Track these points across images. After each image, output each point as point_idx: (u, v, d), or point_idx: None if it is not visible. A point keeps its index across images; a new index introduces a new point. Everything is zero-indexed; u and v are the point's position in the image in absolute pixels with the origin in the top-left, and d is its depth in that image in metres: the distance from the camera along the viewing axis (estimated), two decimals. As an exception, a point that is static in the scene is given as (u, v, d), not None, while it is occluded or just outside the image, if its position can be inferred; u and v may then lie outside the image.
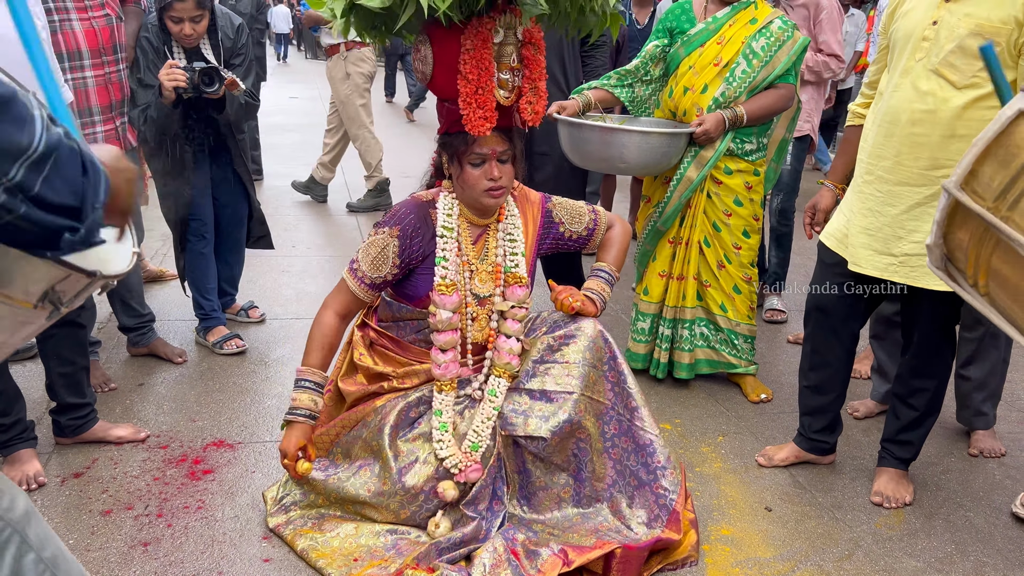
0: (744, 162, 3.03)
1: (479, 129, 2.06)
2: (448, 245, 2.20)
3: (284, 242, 5.00)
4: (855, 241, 2.35)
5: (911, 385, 2.47)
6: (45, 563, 0.92)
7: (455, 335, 2.21)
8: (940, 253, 1.23)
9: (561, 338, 2.20)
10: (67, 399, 2.54)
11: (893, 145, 2.22)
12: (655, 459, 2.19)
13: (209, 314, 3.42)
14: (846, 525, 2.40)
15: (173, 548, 2.14)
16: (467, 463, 2.13)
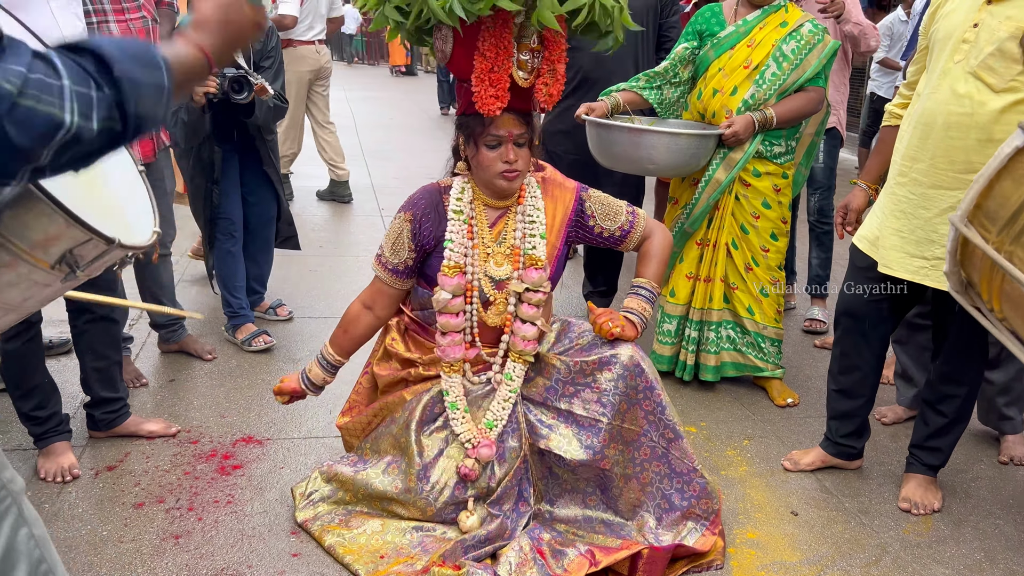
0: (773, 165, 3.02)
1: (489, 108, 2.04)
2: (455, 228, 2.20)
3: (311, 242, 5.05)
4: (887, 243, 2.33)
5: (941, 391, 2.45)
6: (36, 540, 0.93)
7: (457, 319, 2.20)
8: (958, 279, 1.24)
9: (595, 364, 2.15)
10: (100, 393, 2.59)
11: (928, 148, 2.20)
12: (692, 487, 2.18)
13: (237, 312, 3.46)
14: (873, 531, 2.38)
15: (204, 541, 2.17)
16: (480, 439, 2.14)
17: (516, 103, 2.11)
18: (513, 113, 2.11)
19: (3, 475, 0.89)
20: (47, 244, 0.93)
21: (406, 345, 2.33)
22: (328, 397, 3.00)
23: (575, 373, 2.17)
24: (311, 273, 4.47)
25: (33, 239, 0.91)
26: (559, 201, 2.28)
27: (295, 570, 2.07)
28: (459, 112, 2.21)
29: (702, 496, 2.17)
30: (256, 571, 2.06)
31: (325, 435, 2.76)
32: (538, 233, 2.22)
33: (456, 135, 2.24)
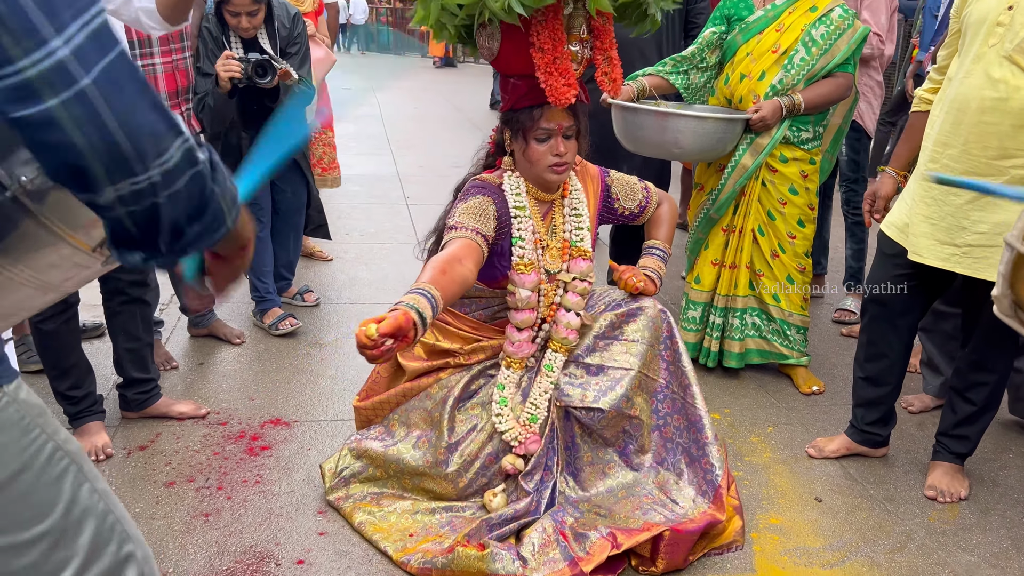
0: (800, 150, 3.00)
1: (564, 97, 2.04)
2: (523, 224, 2.22)
3: (338, 230, 5.08)
4: (916, 230, 2.31)
5: (969, 379, 2.43)
6: (99, 493, 0.97)
7: (532, 314, 2.24)
8: (1008, 302, 1.23)
9: (623, 316, 2.25)
10: (133, 374, 2.64)
11: (961, 133, 2.16)
12: (704, 435, 2.23)
13: (264, 296, 3.51)
14: (898, 518, 2.38)
15: (233, 519, 2.21)
16: (526, 435, 2.17)
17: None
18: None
19: (57, 437, 0.93)
20: (89, 227, 0.95)
21: (435, 336, 2.35)
22: (355, 382, 3.05)
23: (605, 327, 2.25)
24: (338, 260, 4.52)
25: (76, 222, 0.94)
26: (591, 189, 2.36)
27: (321, 548, 2.11)
28: (505, 108, 2.21)
29: (713, 443, 2.22)
30: (284, 548, 2.10)
31: (351, 417, 2.79)
32: (585, 226, 2.30)
33: (502, 131, 2.25)
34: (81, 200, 0.78)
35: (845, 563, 2.16)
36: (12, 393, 0.88)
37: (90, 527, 0.94)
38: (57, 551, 0.91)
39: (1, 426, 0.86)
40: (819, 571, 2.12)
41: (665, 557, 2.06)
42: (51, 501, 0.91)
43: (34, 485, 0.89)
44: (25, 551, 0.89)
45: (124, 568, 0.99)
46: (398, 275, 4.27)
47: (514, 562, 1.99)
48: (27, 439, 0.89)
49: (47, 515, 0.90)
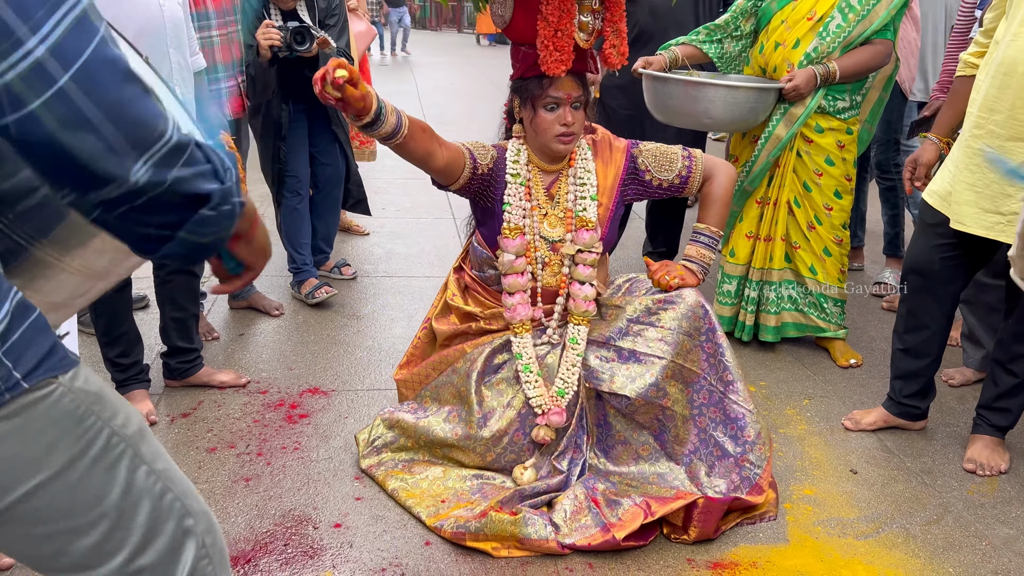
0: (836, 120, 2.95)
1: (555, 70, 2.08)
2: (513, 190, 2.23)
3: (375, 204, 5.10)
4: (960, 198, 2.26)
5: (1013, 351, 2.39)
6: (157, 474, 0.99)
7: (522, 278, 2.25)
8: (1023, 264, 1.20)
9: (660, 302, 2.19)
10: (177, 343, 2.72)
11: (1008, 98, 2.11)
12: (745, 433, 2.18)
13: (301, 267, 3.57)
14: (936, 490, 2.35)
15: (272, 484, 2.27)
16: (551, 406, 2.18)
17: (576, 65, 2.14)
18: (571, 75, 2.14)
19: (113, 423, 0.94)
20: None
21: (465, 300, 2.38)
22: (391, 353, 3.09)
23: (641, 312, 2.21)
24: (374, 234, 4.56)
25: None
26: (611, 163, 2.30)
27: (358, 512, 2.16)
28: (515, 76, 2.23)
29: (755, 443, 2.17)
30: (321, 513, 2.15)
31: (387, 387, 2.84)
32: (588, 195, 2.24)
33: (511, 98, 2.26)
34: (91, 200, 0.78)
35: (879, 534, 2.15)
36: (67, 383, 0.89)
37: (146, 508, 0.97)
38: (115, 532, 0.94)
39: (55, 418, 0.88)
40: (852, 542, 2.12)
41: (698, 526, 2.07)
42: (107, 485, 0.93)
43: (90, 471, 0.91)
44: (84, 533, 0.92)
45: (183, 543, 1.02)
46: (434, 249, 4.30)
47: (546, 527, 2.02)
48: (81, 428, 0.90)
49: (104, 499, 0.93)
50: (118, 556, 0.95)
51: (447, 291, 2.43)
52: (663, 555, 2.04)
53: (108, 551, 0.94)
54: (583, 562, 2.00)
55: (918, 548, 2.10)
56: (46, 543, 0.91)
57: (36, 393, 0.85)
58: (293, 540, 2.04)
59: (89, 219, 0.80)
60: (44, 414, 0.87)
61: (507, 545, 2.01)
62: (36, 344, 0.86)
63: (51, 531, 0.90)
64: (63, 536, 0.91)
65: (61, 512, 0.90)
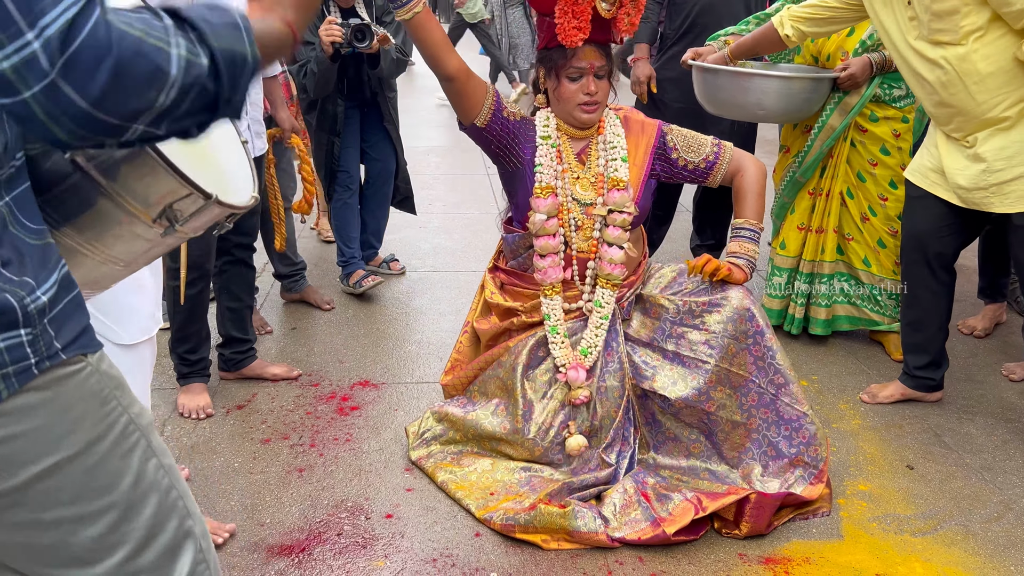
0: (892, 109, 2.88)
1: (572, 39, 2.10)
2: (544, 151, 2.25)
3: (422, 200, 5.14)
4: (952, 181, 2.40)
5: None
6: (165, 469, 0.99)
7: (554, 240, 2.25)
8: None
9: (704, 304, 2.17)
10: (232, 333, 2.79)
11: (944, 113, 2.34)
12: (800, 434, 2.15)
13: (349, 260, 3.63)
14: (996, 487, 2.29)
15: (325, 475, 2.31)
16: (572, 361, 2.19)
17: (597, 35, 2.16)
18: (594, 45, 2.17)
19: (132, 410, 0.95)
20: (148, 196, 0.99)
21: (504, 298, 2.39)
22: (440, 346, 3.12)
23: (684, 314, 2.19)
24: (421, 229, 4.59)
25: (137, 193, 0.98)
26: (641, 135, 2.32)
27: (409, 503, 2.18)
28: (540, 46, 2.25)
29: (811, 443, 2.14)
30: (373, 503, 2.18)
31: (436, 380, 2.86)
32: (619, 157, 2.26)
33: (536, 68, 2.28)
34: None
35: (938, 531, 2.10)
36: (95, 363, 0.90)
37: (153, 501, 0.96)
38: (122, 524, 0.93)
39: (83, 395, 0.89)
40: (909, 539, 2.08)
41: (750, 521, 2.05)
42: (120, 473, 0.93)
43: (106, 456, 0.91)
44: (92, 522, 0.91)
45: (183, 545, 1.01)
46: (480, 243, 4.32)
47: (596, 520, 2.02)
48: (104, 410, 0.91)
49: (115, 487, 0.92)
50: (119, 552, 0.94)
51: (485, 291, 2.44)
52: (714, 550, 2.03)
53: (110, 545, 0.93)
54: (633, 556, 1.99)
55: (978, 546, 2.05)
56: (50, 531, 0.90)
57: (68, 368, 0.87)
58: (346, 530, 2.08)
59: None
60: (73, 390, 0.88)
61: (556, 538, 2.02)
62: (75, 318, 0.88)
63: (59, 517, 0.89)
64: (69, 524, 0.90)
65: (73, 495, 0.89)
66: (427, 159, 6.33)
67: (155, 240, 1.05)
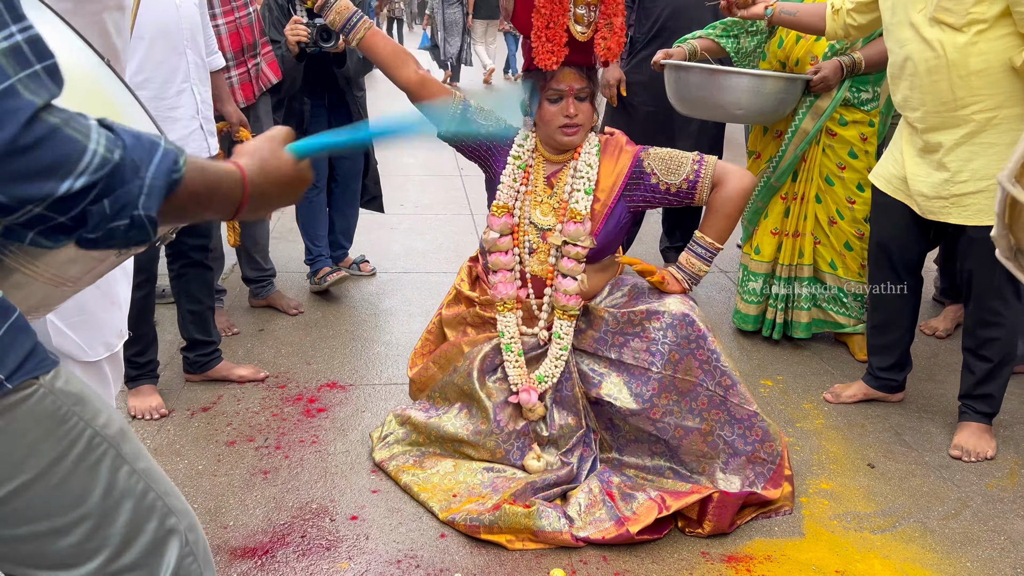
0: (860, 112, 2.92)
1: (547, 63, 2.10)
2: (509, 171, 2.26)
3: (393, 200, 5.15)
4: (913, 188, 2.41)
5: (980, 336, 2.44)
6: (139, 474, 0.98)
7: (506, 257, 2.26)
8: (1007, 244, 1.22)
9: (643, 314, 2.15)
10: (195, 335, 2.77)
11: (917, 96, 2.31)
12: (754, 432, 2.16)
13: (316, 258, 3.65)
14: (954, 485, 2.33)
15: (290, 477, 2.30)
16: (525, 384, 2.20)
17: (576, 57, 2.15)
18: (574, 67, 2.15)
19: (96, 423, 0.94)
20: None
21: (472, 288, 2.42)
22: (409, 348, 3.11)
23: (623, 323, 2.19)
24: (392, 231, 4.59)
25: None
26: (618, 162, 2.24)
27: (375, 505, 2.18)
28: (523, 67, 2.26)
29: (765, 440, 2.17)
30: (338, 505, 2.17)
31: (404, 382, 2.86)
32: (583, 188, 2.20)
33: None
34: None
35: (896, 528, 2.14)
36: (48, 384, 0.89)
37: (127, 508, 0.97)
38: (98, 531, 0.94)
39: (37, 418, 0.88)
40: (869, 536, 2.11)
41: (712, 519, 2.07)
42: (88, 486, 0.93)
43: (71, 473, 0.91)
44: (66, 533, 0.92)
45: (166, 542, 1.02)
46: (452, 245, 4.32)
47: (560, 519, 2.03)
48: (63, 429, 0.90)
49: (85, 500, 0.93)
50: (99, 556, 0.95)
51: (458, 277, 2.46)
52: (677, 548, 2.05)
53: (89, 550, 0.94)
54: (597, 555, 2.00)
55: (935, 543, 2.09)
56: (27, 543, 0.91)
57: (18, 394, 0.85)
58: (310, 532, 2.07)
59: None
60: (26, 415, 0.87)
61: (521, 537, 2.03)
62: (18, 345, 0.86)
63: (32, 532, 0.90)
64: (44, 537, 0.91)
65: (42, 513, 0.90)
66: (399, 160, 6.32)
67: (110, 260, 1.04)
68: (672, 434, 2.17)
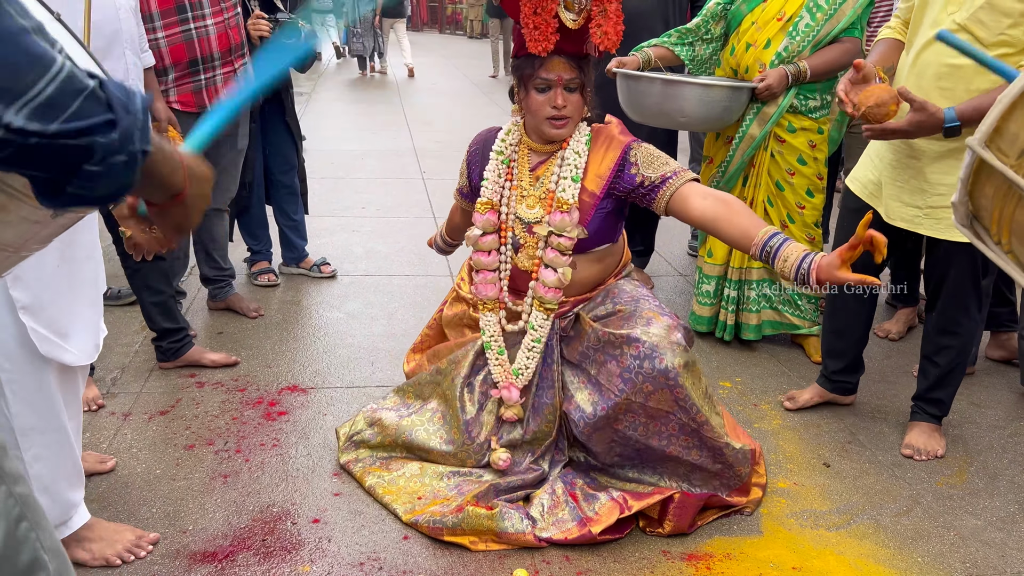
0: (808, 120, 2.99)
1: (538, 49, 2.01)
2: (492, 167, 2.23)
3: (355, 203, 5.14)
4: (887, 192, 2.40)
5: (937, 343, 2.49)
6: (16, 498, 0.91)
7: (488, 257, 2.23)
8: (965, 211, 1.23)
9: (623, 338, 2.05)
10: (163, 324, 2.79)
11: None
12: (724, 458, 2.12)
13: (254, 251, 3.78)
14: (906, 483, 2.40)
15: (251, 480, 2.27)
16: (506, 382, 2.21)
17: (567, 46, 2.04)
18: (564, 57, 2.05)
19: None
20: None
21: (468, 287, 2.41)
22: (371, 351, 3.10)
23: (604, 343, 2.10)
24: (354, 233, 4.56)
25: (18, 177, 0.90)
26: (608, 151, 2.16)
27: (337, 508, 2.17)
28: (513, 53, 2.16)
29: (736, 464, 2.15)
30: (300, 508, 2.16)
31: (366, 384, 2.86)
32: (570, 176, 2.13)
33: (512, 77, 2.22)
34: None
35: (851, 525, 2.19)
36: None
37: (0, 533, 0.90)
38: None
39: None
40: (825, 533, 2.15)
41: (673, 519, 2.09)
42: None
43: None
44: None
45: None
46: (413, 247, 4.31)
47: (523, 520, 2.04)
48: None
49: None
50: None
51: (458, 275, 2.48)
52: (639, 548, 2.07)
53: None
54: (560, 555, 2.02)
55: (888, 539, 2.14)
56: None
57: None
58: (271, 536, 2.05)
59: None
60: None
61: (484, 539, 2.03)
62: None
63: None
64: None
65: None
66: (362, 162, 6.29)
67: (45, 221, 0.98)
68: (633, 444, 2.12)
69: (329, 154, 6.44)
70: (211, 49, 2.95)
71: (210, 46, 2.94)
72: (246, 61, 3.15)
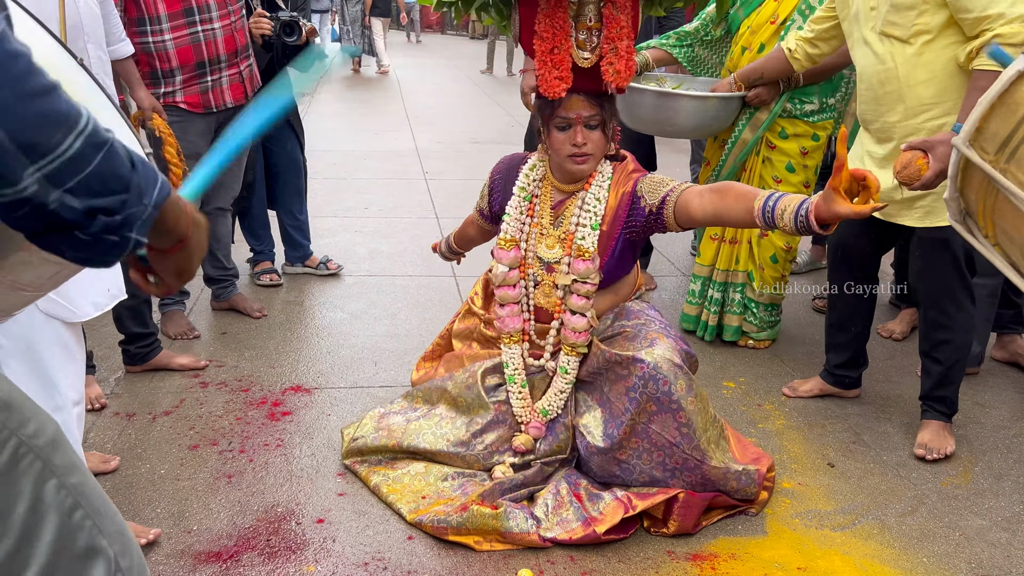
0: (803, 124, 2.97)
1: (554, 90, 2.01)
2: (515, 203, 2.23)
3: (357, 204, 5.15)
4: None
5: (932, 338, 2.51)
6: (68, 489, 0.92)
7: (513, 291, 2.24)
8: (957, 206, 1.27)
9: (628, 359, 2.06)
10: (132, 328, 2.79)
11: (873, 109, 2.40)
12: (729, 484, 2.13)
13: (256, 250, 3.77)
14: (911, 483, 2.39)
15: (255, 481, 2.28)
16: (531, 419, 2.21)
17: (584, 84, 2.06)
18: (582, 95, 2.05)
19: (23, 432, 0.88)
20: None
21: (485, 304, 2.43)
22: (374, 351, 3.10)
23: (613, 363, 2.11)
24: (357, 233, 4.56)
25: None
26: (622, 190, 2.17)
27: (341, 508, 2.17)
28: (537, 94, 2.16)
29: (741, 487, 2.15)
30: (304, 508, 2.16)
31: (370, 385, 2.86)
32: (590, 224, 2.14)
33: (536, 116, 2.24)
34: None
35: (856, 525, 2.19)
36: None
37: (52, 524, 0.90)
38: (21, 550, 0.87)
39: None
40: (830, 533, 2.15)
41: (677, 519, 2.09)
42: (12, 500, 0.87)
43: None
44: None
45: (91, 565, 0.95)
46: (416, 248, 4.31)
47: (528, 520, 2.04)
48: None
49: (8, 515, 0.87)
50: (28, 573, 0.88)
51: (472, 289, 2.49)
52: (643, 548, 2.07)
53: (12, 572, 0.87)
54: (564, 555, 2.02)
55: (893, 539, 2.14)
56: None
57: None
58: (275, 536, 2.05)
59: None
60: None
61: (489, 539, 2.03)
62: None
63: None
64: None
65: None
66: (364, 163, 6.29)
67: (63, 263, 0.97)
68: (636, 476, 2.12)
69: (331, 154, 6.44)
70: (218, 51, 2.96)
71: (217, 48, 2.95)
72: (251, 63, 3.16)
